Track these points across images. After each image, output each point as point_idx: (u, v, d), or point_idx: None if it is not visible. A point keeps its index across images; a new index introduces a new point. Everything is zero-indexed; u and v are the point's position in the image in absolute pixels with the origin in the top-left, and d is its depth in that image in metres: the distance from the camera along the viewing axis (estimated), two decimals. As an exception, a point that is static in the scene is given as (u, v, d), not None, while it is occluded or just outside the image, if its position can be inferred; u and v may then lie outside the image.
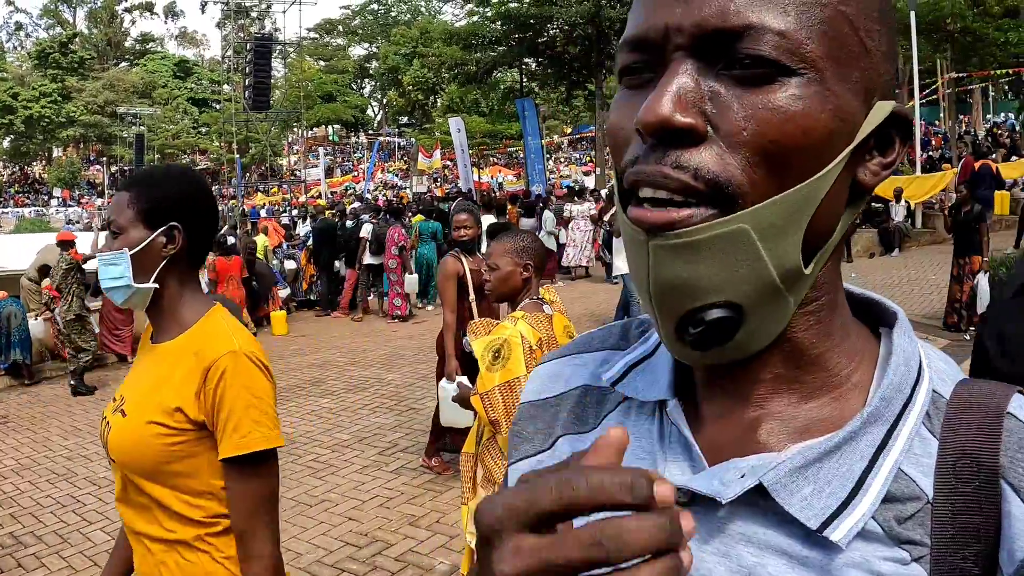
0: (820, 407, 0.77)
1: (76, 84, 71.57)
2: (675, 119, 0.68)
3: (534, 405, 0.97)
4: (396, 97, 71.73)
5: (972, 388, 0.77)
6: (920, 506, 0.71)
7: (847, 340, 0.80)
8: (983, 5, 28.32)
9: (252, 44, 37.31)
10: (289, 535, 6.09)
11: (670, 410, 0.81)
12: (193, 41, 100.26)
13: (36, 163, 78.55)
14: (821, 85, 0.69)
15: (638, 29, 0.73)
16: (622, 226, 0.75)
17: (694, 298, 0.71)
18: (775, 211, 0.69)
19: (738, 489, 0.72)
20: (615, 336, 0.98)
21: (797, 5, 0.69)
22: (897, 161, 0.78)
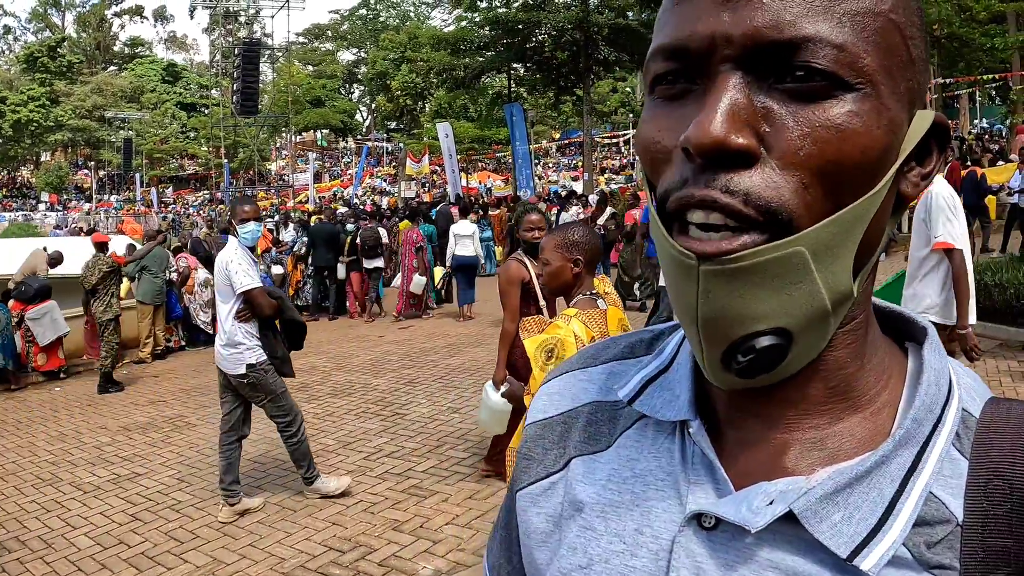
0: (850, 428, 0.74)
1: (64, 88, 71.46)
2: (730, 141, 0.63)
3: (541, 424, 0.93)
4: (384, 102, 71.66)
5: (1003, 408, 0.75)
6: (950, 529, 0.69)
7: (876, 357, 0.77)
8: (970, 11, 28.41)
9: (240, 49, 37.28)
10: (273, 540, 6.09)
11: (694, 431, 0.77)
12: (182, 46, 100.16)
13: (24, 167, 78.28)
14: (877, 100, 0.66)
15: (678, 37, 0.68)
16: (662, 249, 0.70)
17: (745, 325, 0.67)
18: (831, 232, 0.65)
19: (768, 517, 0.69)
20: (620, 348, 0.95)
21: (852, 16, 0.65)
22: (936, 170, 0.75)
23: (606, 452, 0.84)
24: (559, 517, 0.84)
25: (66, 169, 72.71)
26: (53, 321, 13.05)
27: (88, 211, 55.94)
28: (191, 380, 12.57)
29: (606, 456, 0.84)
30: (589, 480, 0.83)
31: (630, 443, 0.83)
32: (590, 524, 0.80)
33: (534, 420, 0.94)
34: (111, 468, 8.20)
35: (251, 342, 6.47)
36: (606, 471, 0.82)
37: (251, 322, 6.48)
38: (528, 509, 0.89)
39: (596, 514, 0.80)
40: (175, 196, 67.41)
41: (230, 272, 6.37)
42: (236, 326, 6.43)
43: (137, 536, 6.40)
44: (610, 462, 0.83)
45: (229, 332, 6.46)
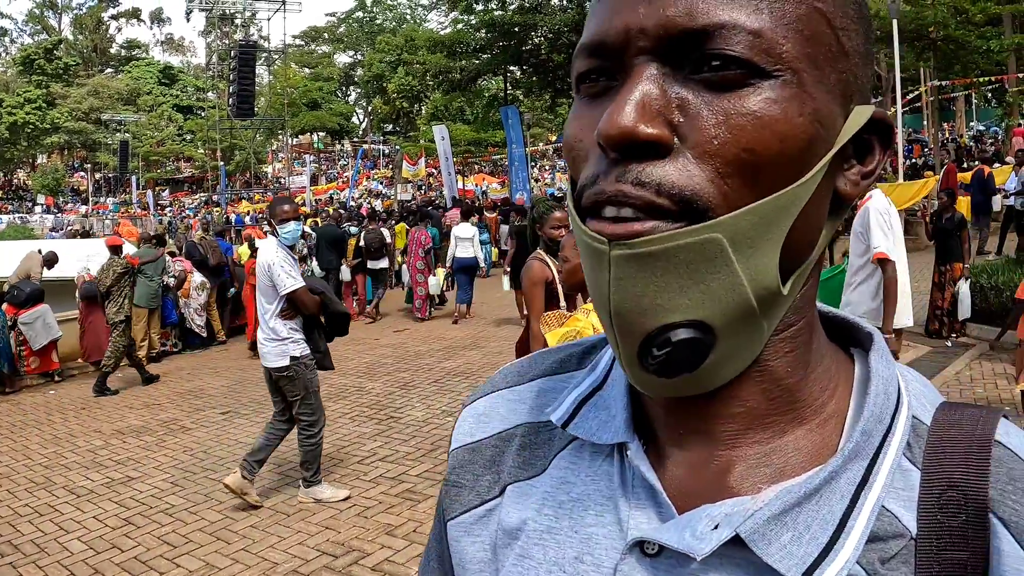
0: (796, 441, 0.71)
1: (61, 90, 71.38)
2: (639, 131, 0.62)
3: (469, 449, 0.88)
4: (381, 105, 71.70)
5: (955, 413, 0.72)
6: (904, 544, 0.67)
7: (821, 365, 0.74)
8: (966, 13, 28.45)
9: (236, 51, 37.27)
10: (266, 544, 6.08)
11: (632, 452, 0.74)
12: (179, 48, 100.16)
13: (20, 170, 78.22)
14: (798, 87, 0.63)
15: (596, 33, 0.67)
16: (579, 240, 0.68)
17: (659, 316, 0.63)
18: (751, 220, 0.62)
19: (713, 543, 0.66)
20: (549, 363, 0.90)
21: (771, 2, 0.63)
22: (878, 169, 0.72)
23: (541, 476, 0.81)
24: (495, 546, 0.81)
25: (62, 171, 72.67)
26: (46, 325, 13.03)
27: (85, 213, 55.92)
28: (185, 384, 12.55)
29: (541, 481, 0.80)
30: (524, 506, 0.79)
31: (565, 465, 0.79)
32: (528, 552, 0.77)
33: (461, 444, 0.89)
34: (105, 472, 8.18)
35: (296, 336, 6.62)
36: (541, 496, 0.79)
37: (295, 318, 6.62)
38: (462, 539, 0.85)
39: (534, 542, 0.76)
40: (171, 199, 67.37)
41: (273, 274, 6.48)
42: (280, 322, 6.56)
43: (130, 540, 6.39)
44: (546, 487, 0.79)
45: (273, 328, 6.58)
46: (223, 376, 12.87)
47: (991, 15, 28.91)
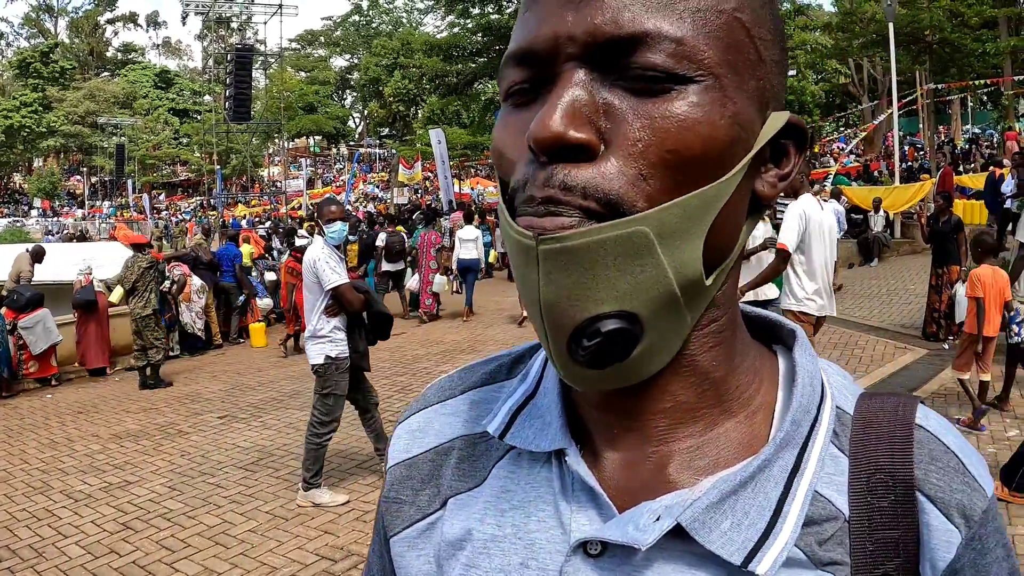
0: (727, 434, 0.74)
1: (57, 94, 71.37)
2: (568, 135, 0.64)
3: (406, 465, 0.89)
4: (377, 108, 71.60)
5: (876, 402, 0.77)
6: (839, 526, 0.71)
7: (747, 360, 0.77)
8: (962, 16, 28.52)
9: (233, 55, 37.27)
10: (264, 548, 6.08)
11: (570, 458, 0.76)
12: (175, 52, 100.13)
13: (16, 173, 78.17)
14: (720, 92, 0.66)
15: (525, 40, 0.69)
16: (507, 238, 0.69)
17: (589, 307, 0.65)
18: (675, 215, 0.65)
19: (656, 533, 0.68)
20: (479, 375, 0.92)
21: (693, 11, 0.66)
22: (794, 172, 0.75)
23: (481, 487, 0.82)
24: (439, 558, 0.82)
25: (58, 175, 72.61)
26: (46, 330, 13.03)
27: (83, 216, 55.93)
28: (183, 388, 12.54)
29: (482, 491, 0.81)
30: (467, 517, 0.80)
31: (504, 474, 0.81)
32: (474, 562, 0.78)
33: (398, 461, 0.90)
34: (102, 476, 8.17)
35: (338, 335, 6.75)
36: (484, 506, 0.80)
37: (339, 316, 6.75)
38: (406, 554, 0.86)
39: (479, 551, 0.78)
40: (168, 202, 67.34)
41: (318, 269, 6.61)
42: (325, 320, 6.70)
43: (128, 545, 6.38)
44: (488, 496, 0.80)
45: (317, 326, 6.72)
46: (220, 380, 12.86)
47: (987, 18, 29.03)
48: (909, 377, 9.47)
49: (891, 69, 21.54)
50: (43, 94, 70.63)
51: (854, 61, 39.57)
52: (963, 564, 0.72)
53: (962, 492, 0.72)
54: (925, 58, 30.28)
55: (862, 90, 41.20)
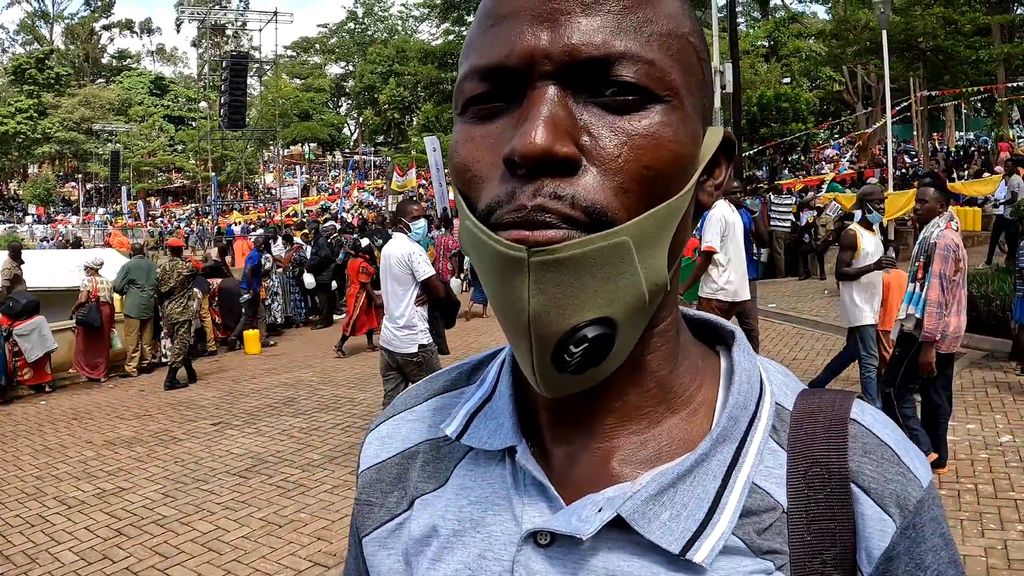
0: (669, 430, 0.78)
1: (52, 100, 71.27)
2: (556, 149, 0.66)
3: (376, 469, 0.93)
4: (372, 115, 71.69)
5: (813, 398, 0.81)
6: (777, 516, 0.74)
7: (688, 360, 0.81)
8: (955, 24, 28.62)
9: (228, 62, 37.27)
10: (258, 555, 6.07)
11: (519, 455, 0.79)
12: (171, 59, 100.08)
13: (11, 180, 78.08)
14: (682, 111, 0.71)
15: (495, 56, 0.71)
16: (484, 254, 0.70)
17: (575, 315, 0.68)
18: (651, 225, 0.69)
19: (597, 524, 0.72)
20: (442, 382, 0.96)
21: (659, 36, 0.70)
22: (725, 181, 0.81)
23: (444, 487, 0.86)
24: (407, 555, 0.86)
25: (53, 182, 72.52)
26: (42, 337, 13.02)
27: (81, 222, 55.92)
28: (177, 394, 12.53)
29: (444, 490, 0.85)
30: (431, 515, 0.84)
31: (464, 473, 0.85)
32: (438, 556, 0.82)
33: (368, 466, 0.94)
34: (96, 483, 8.16)
35: (423, 324, 7.20)
36: (447, 503, 0.84)
37: (425, 306, 7.20)
38: (377, 553, 0.90)
39: (443, 546, 0.82)
40: (162, 209, 67.30)
41: (412, 262, 7.07)
42: (414, 310, 7.09)
43: (122, 551, 6.37)
44: (449, 495, 0.84)
45: (407, 316, 7.12)
46: (214, 387, 12.85)
47: (980, 25, 29.12)
48: (902, 383, 9.46)
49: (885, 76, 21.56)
50: (38, 100, 70.51)
51: (848, 68, 39.61)
52: (898, 552, 0.74)
53: (896, 482, 0.75)
54: (919, 65, 30.39)
55: (856, 97, 41.24)
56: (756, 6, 54.03)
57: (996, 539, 5.47)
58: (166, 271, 13.34)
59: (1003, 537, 5.48)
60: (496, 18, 0.72)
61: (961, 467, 6.68)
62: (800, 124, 32.25)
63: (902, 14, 28.60)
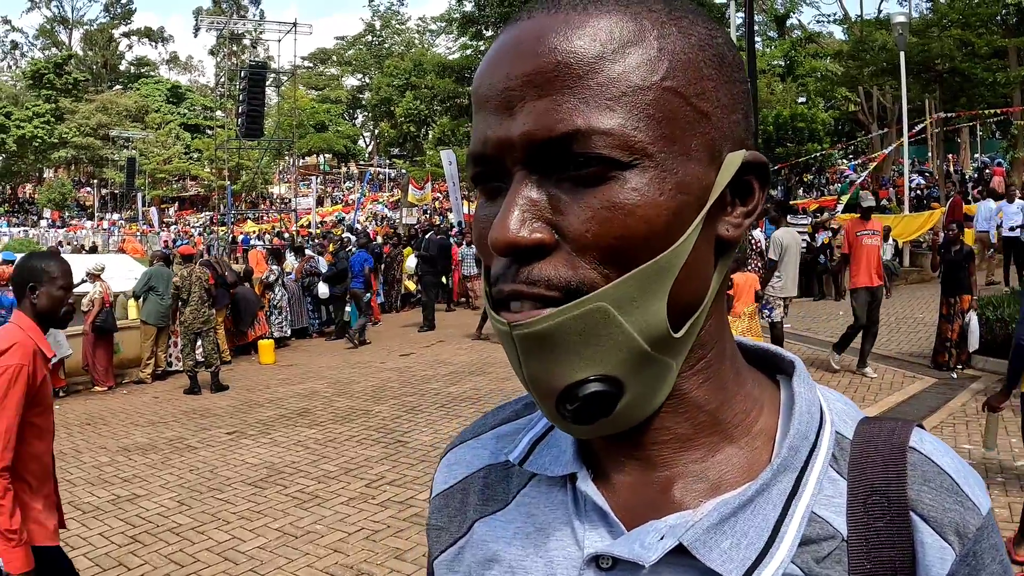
0: (728, 459, 0.79)
1: (69, 105, 71.57)
2: (520, 239, 0.70)
3: (444, 495, 0.97)
4: (388, 128, 71.78)
5: (873, 427, 0.81)
6: (836, 544, 0.75)
7: (743, 389, 0.82)
8: (972, 46, 28.57)
9: (247, 72, 37.38)
10: (274, 566, 6.07)
11: (580, 481, 0.82)
12: (187, 67, 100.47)
13: (27, 183, 78.36)
14: (657, 169, 0.70)
15: (476, 145, 0.75)
16: (492, 324, 0.76)
17: (565, 377, 0.71)
18: (631, 286, 0.70)
19: (660, 551, 0.73)
20: (507, 412, 0.99)
21: (619, 98, 0.70)
22: (759, 206, 0.78)
23: (505, 510, 0.88)
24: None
25: (68, 186, 72.73)
26: (56, 343, 13.03)
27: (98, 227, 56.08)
28: (191, 402, 12.55)
29: (506, 514, 0.88)
30: (493, 538, 0.87)
31: (527, 500, 0.87)
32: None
33: (437, 492, 0.98)
34: (110, 489, 8.18)
35: None
36: (510, 528, 0.86)
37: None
38: (445, 575, 0.92)
39: (505, 569, 0.84)
40: (177, 216, 67.45)
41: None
42: None
43: (137, 559, 6.38)
44: (512, 519, 0.87)
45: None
46: (229, 396, 12.86)
47: (997, 48, 29.05)
48: (918, 405, 9.45)
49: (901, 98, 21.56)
50: (56, 105, 70.85)
51: (864, 89, 39.58)
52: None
53: (955, 511, 0.75)
54: (935, 87, 30.34)
55: (871, 118, 41.18)
56: (773, 26, 54.01)
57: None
58: (185, 278, 13.40)
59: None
60: (477, 105, 0.77)
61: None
62: (816, 144, 32.16)
63: (919, 36, 28.56)
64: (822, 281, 19.75)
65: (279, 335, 17.27)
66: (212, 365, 13.48)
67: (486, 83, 0.75)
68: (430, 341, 16.69)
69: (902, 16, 22.67)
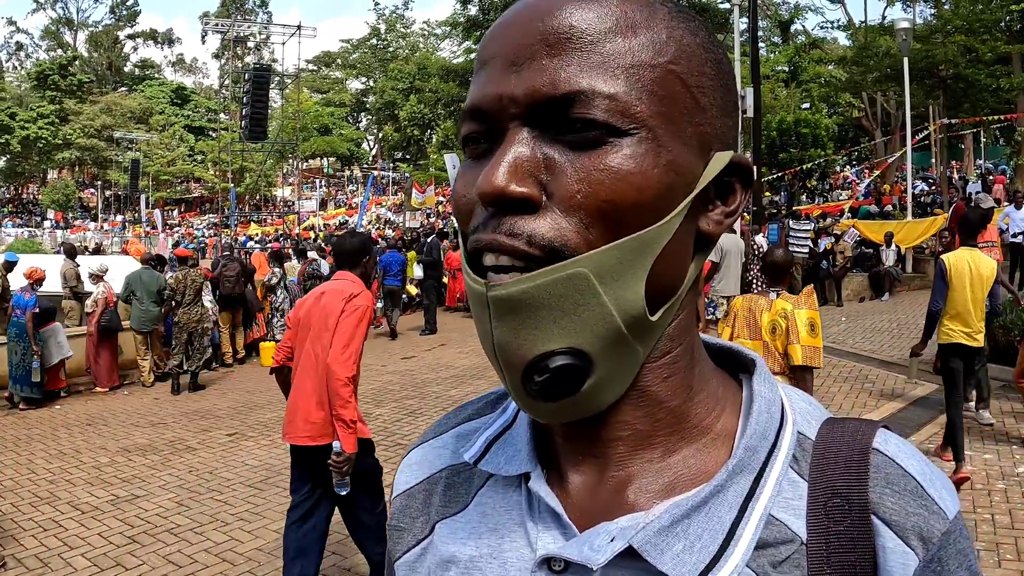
0: (684, 460, 0.78)
1: (74, 107, 71.75)
2: (510, 189, 0.69)
3: (405, 495, 0.96)
4: (392, 131, 71.86)
5: (837, 428, 0.80)
6: (795, 548, 0.73)
7: (707, 389, 0.81)
8: (975, 52, 28.55)
9: (251, 74, 37.43)
10: (272, 567, 6.08)
11: (533, 481, 0.81)
12: (191, 69, 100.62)
13: (31, 184, 78.49)
14: (653, 142, 0.71)
15: (474, 99, 0.75)
16: (467, 287, 0.75)
17: (537, 346, 0.70)
18: (614, 256, 0.70)
19: (608, 554, 0.72)
20: (468, 411, 0.99)
21: (626, 68, 0.71)
22: (740, 208, 0.79)
23: (465, 511, 0.88)
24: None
25: (72, 187, 72.85)
26: (58, 344, 13.06)
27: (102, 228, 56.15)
28: (192, 404, 12.57)
29: (465, 515, 0.87)
30: (453, 540, 0.86)
31: (485, 500, 0.86)
32: None
33: (399, 492, 0.97)
34: (110, 489, 8.19)
35: None
36: (467, 529, 0.85)
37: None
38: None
39: (462, 570, 0.83)
40: (180, 218, 67.53)
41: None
42: None
43: (135, 559, 6.38)
44: (470, 521, 0.86)
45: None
46: (229, 398, 12.88)
47: (1001, 54, 29.04)
48: (921, 412, 9.43)
49: (905, 103, 21.55)
50: (60, 106, 71.04)
51: (867, 95, 39.58)
52: None
53: (919, 515, 0.74)
54: (939, 93, 30.32)
55: (875, 124, 41.18)
56: (777, 31, 54.00)
57: (1013, 570, 5.43)
58: (180, 281, 13.49)
59: (1019, 568, 5.45)
60: (480, 63, 0.77)
61: (978, 497, 6.64)
62: (819, 150, 32.13)
63: (923, 42, 28.55)
64: (824, 287, 19.72)
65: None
66: (196, 364, 13.66)
67: (496, 43, 0.75)
68: (431, 344, 16.72)
69: (906, 22, 22.72)
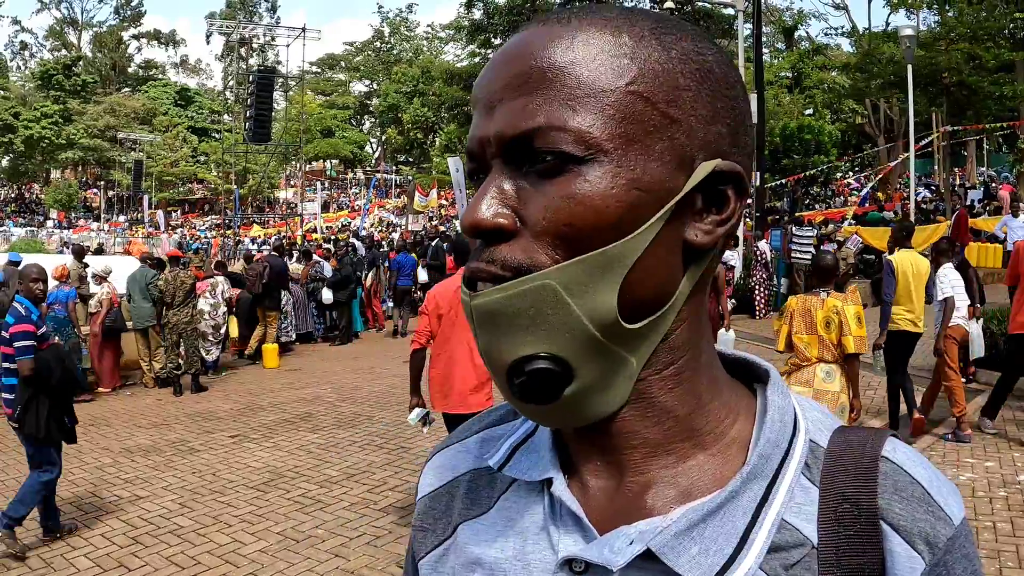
0: (700, 466, 0.81)
1: (78, 107, 71.69)
2: (484, 222, 0.76)
3: (430, 497, 1.00)
4: (395, 134, 71.93)
5: (847, 436, 0.83)
6: (806, 552, 0.77)
7: (719, 398, 0.84)
8: (979, 59, 28.57)
9: (255, 76, 37.42)
10: (275, 569, 6.08)
11: (555, 486, 0.84)
12: (195, 70, 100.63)
13: (34, 184, 78.48)
14: (612, 164, 0.74)
15: (468, 142, 0.83)
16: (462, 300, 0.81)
17: (513, 351, 0.76)
18: (580, 269, 0.74)
19: (628, 556, 0.76)
20: (492, 417, 1.02)
21: (582, 98, 0.75)
22: (735, 216, 0.81)
23: (488, 514, 0.91)
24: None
25: (75, 187, 72.86)
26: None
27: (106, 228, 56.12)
28: (195, 405, 12.57)
29: (488, 518, 0.90)
30: (476, 542, 0.89)
31: (508, 504, 0.90)
32: None
33: (423, 494, 1.01)
34: (112, 490, 8.20)
35: None
36: (491, 532, 0.89)
37: None
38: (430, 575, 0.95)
39: (487, 572, 0.86)
40: (183, 219, 67.54)
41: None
42: None
43: (138, 560, 6.39)
44: (494, 524, 0.89)
45: None
46: (233, 400, 12.88)
47: (1004, 61, 29.04)
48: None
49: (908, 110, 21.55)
50: (64, 106, 70.96)
51: (871, 102, 39.61)
52: None
53: (925, 520, 0.77)
54: (942, 100, 30.37)
55: (878, 131, 41.19)
56: (781, 38, 54.05)
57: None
58: (169, 282, 13.51)
59: (1021, 575, 5.46)
60: (472, 107, 0.85)
61: (979, 504, 6.64)
62: (822, 156, 32.14)
63: (927, 49, 28.60)
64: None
65: (284, 340, 17.27)
66: (193, 367, 13.71)
67: (479, 88, 0.81)
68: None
69: (910, 29, 22.68)
